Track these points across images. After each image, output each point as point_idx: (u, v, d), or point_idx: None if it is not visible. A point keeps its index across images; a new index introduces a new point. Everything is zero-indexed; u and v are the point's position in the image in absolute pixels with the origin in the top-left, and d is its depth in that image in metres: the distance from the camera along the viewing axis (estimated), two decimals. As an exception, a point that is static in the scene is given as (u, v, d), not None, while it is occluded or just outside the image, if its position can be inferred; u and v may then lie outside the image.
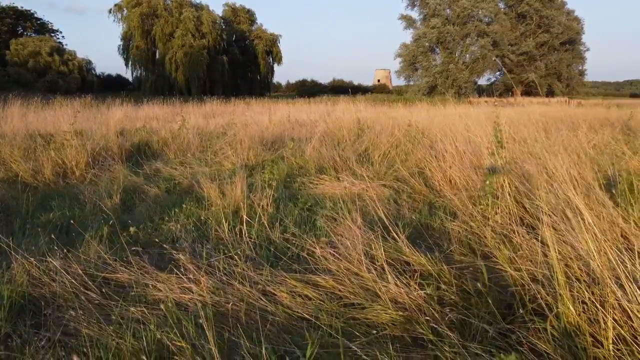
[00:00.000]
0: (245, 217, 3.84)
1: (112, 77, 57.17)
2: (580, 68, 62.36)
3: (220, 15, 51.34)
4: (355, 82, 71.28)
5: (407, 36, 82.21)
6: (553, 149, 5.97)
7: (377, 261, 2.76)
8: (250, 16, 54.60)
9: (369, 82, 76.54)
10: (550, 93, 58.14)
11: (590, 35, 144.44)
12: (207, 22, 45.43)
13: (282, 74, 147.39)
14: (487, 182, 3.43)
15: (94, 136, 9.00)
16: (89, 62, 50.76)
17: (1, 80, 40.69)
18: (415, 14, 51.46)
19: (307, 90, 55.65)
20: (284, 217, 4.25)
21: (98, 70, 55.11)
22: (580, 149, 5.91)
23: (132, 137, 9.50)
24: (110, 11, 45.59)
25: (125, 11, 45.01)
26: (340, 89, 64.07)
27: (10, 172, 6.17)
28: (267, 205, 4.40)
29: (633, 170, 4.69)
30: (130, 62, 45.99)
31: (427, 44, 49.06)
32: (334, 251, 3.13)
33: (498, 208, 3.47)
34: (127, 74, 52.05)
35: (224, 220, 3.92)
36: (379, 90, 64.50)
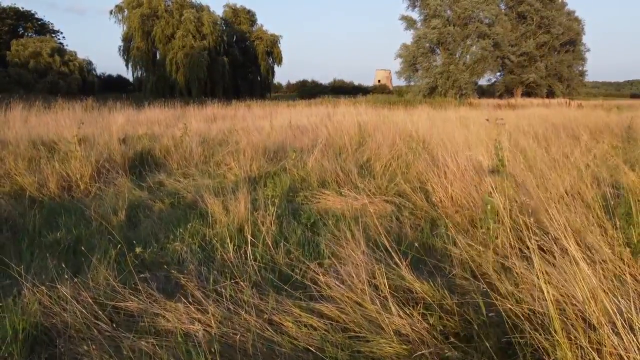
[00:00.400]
0: (250, 237, 3.90)
1: (112, 77, 57.29)
2: (580, 69, 62.44)
3: (221, 16, 51.39)
4: (356, 83, 71.46)
5: (408, 37, 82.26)
6: (553, 164, 6.04)
7: (381, 290, 2.82)
8: (250, 17, 54.64)
9: (369, 82, 76.68)
10: (551, 94, 58.21)
11: (590, 36, 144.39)
12: (207, 23, 45.47)
13: (283, 74, 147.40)
14: (489, 207, 3.49)
15: (97, 143, 9.06)
16: (90, 63, 50.91)
17: (2, 81, 40.73)
18: (415, 15, 51.46)
19: (307, 90, 55.77)
20: (287, 236, 4.31)
21: (99, 71, 55.28)
22: (581, 162, 5.96)
23: (134, 145, 9.56)
24: (111, 12, 45.67)
25: (126, 12, 45.07)
26: (341, 89, 64.20)
27: (16, 185, 6.24)
28: (271, 223, 4.46)
29: (631, 189, 4.74)
30: (130, 63, 46.08)
31: (427, 44, 49.09)
32: (337, 276, 3.19)
33: (499, 232, 3.53)
34: (128, 75, 52.15)
35: (228, 240, 3.99)
36: (380, 91, 64.59)
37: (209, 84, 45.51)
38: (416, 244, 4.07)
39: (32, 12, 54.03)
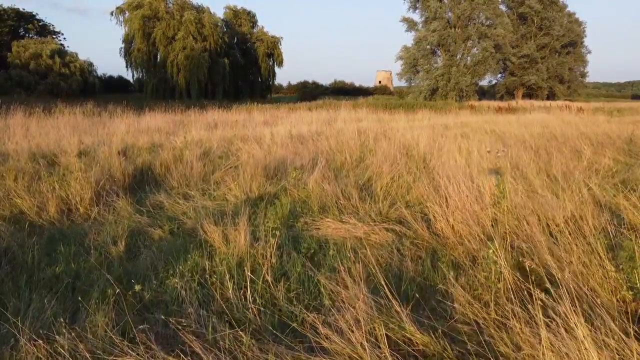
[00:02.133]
0: (249, 275, 3.87)
1: (113, 78, 57.38)
2: (582, 70, 62.37)
3: (222, 17, 51.31)
4: (357, 84, 71.36)
5: (409, 38, 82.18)
6: (555, 187, 6.01)
7: (381, 346, 2.80)
8: (251, 18, 54.56)
9: (370, 83, 76.61)
10: (552, 95, 58.14)
11: (592, 36, 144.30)
12: (208, 24, 45.42)
13: (284, 75, 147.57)
14: (491, 251, 3.47)
15: (98, 158, 9.05)
16: (91, 64, 50.82)
17: (4, 83, 40.73)
18: (416, 17, 51.42)
19: (308, 92, 55.72)
20: (288, 271, 4.29)
21: (100, 72, 55.37)
22: (582, 183, 5.94)
23: (135, 158, 9.55)
24: (112, 13, 45.63)
25: (127, 13, 45.01)
26: (342, 90, 64.17)
27: (15, 208, 6.21)
28: (271, 255, 4.42)
29: (634, 224, 4.71)
30: (131, 65, 46.04)
31: (428, 46, 49.04)
32: (336, 324, 3.17)
33: (501, 275, 3.51)
34: (129, 76, 52.19)
35: (227, 277, 3.96)
36: (381, 92, 64.59)
37: (209, 85, 45.51)
38: (417, 281, 4.06)
39: (33, 13, 54.08)
